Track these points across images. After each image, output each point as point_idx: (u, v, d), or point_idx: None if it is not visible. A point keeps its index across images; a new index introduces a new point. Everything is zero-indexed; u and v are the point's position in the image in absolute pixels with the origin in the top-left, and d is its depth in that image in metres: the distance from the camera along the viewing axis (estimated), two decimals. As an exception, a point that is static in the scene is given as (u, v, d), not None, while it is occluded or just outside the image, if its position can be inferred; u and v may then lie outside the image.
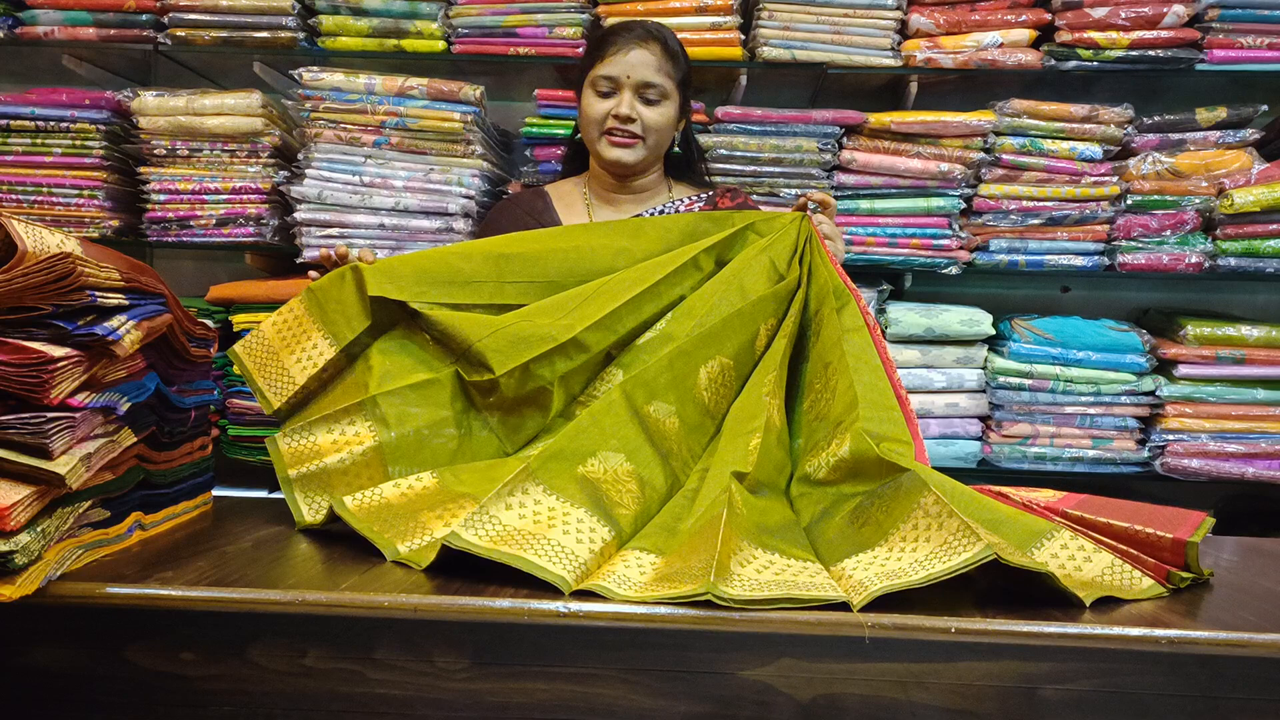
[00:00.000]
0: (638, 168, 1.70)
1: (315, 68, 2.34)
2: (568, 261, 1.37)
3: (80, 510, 0.96)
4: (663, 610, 0.90)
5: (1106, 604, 0.95)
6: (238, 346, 1.32)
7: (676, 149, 1.76)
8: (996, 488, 1.16)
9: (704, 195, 1.75)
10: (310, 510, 1.19)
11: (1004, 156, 2.38)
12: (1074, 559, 0.99)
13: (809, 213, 1.48)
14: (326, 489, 1.20)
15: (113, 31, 2.44)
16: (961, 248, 2.41)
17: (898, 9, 2.37)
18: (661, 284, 1.35)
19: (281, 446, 1.24)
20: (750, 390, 1.29)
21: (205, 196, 2.39)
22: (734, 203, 1.71)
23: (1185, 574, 1.01)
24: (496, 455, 1.29)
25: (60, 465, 0.89)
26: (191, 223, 2.40)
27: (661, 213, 1.70)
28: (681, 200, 1.73)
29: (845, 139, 2.41)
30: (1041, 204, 2.38)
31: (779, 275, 1.41)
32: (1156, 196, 2.37)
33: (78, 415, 0.91)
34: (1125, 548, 1.03)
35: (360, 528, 1.08)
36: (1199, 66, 2.34)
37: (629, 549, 1.04)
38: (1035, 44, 2.40)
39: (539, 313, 1.30)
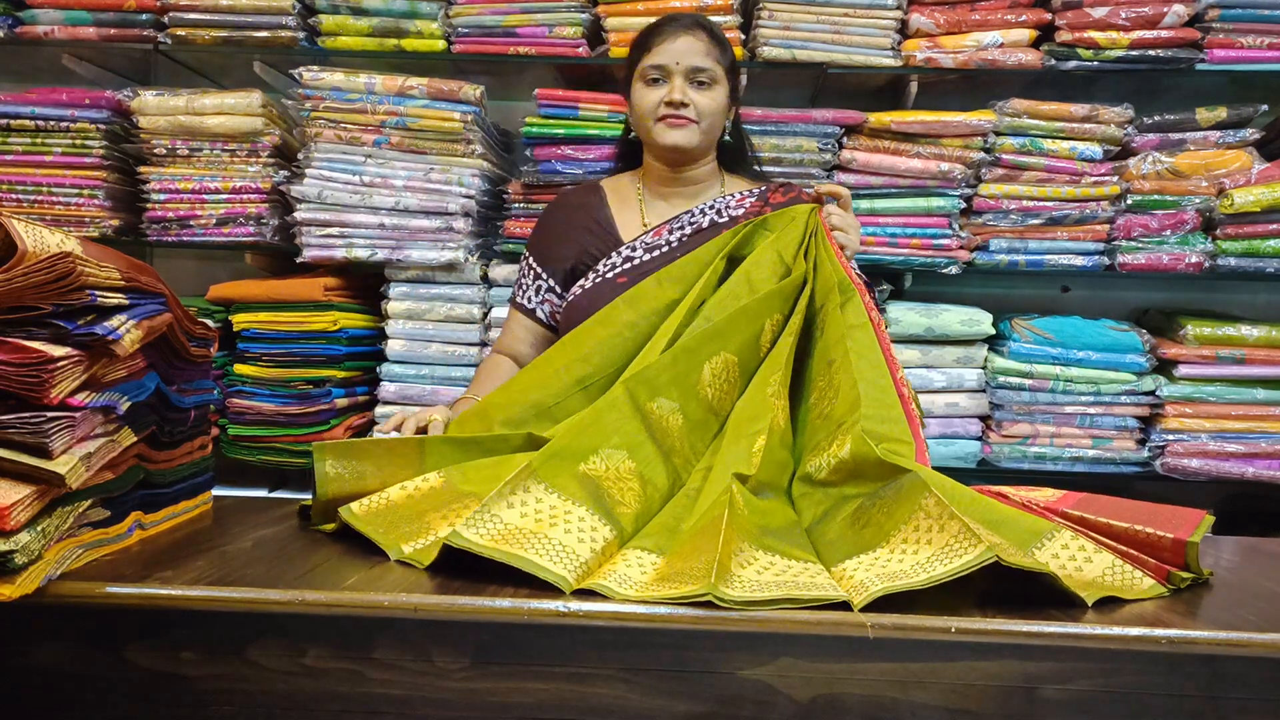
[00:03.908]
0: (694, 153, 1.70)
1: (315, 67, 2.34)
2: (630, 342, 1.39)
3: (80, 510, 0.96)
4: (663, 610, 0.90)
5: (1107, 604, 0.95)
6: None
7: (728, 138, 1.77)
8: (996, 488, 1.16)
9: (757, 190, 1.74)
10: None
11: (1004, 156, 2.38)
12: (1074, 559, 0.99)
13: (820, 205, 1.48)
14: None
15: (113, 31, 2.44)
16: (961, 247, 2.41)
17: (898, 9, 2.37)
18: (690, 311, 1.38)
19: (357, 511, 1.15)
20: (755, 388, 1.29)
21: (205, 196, 2.39)
22: (786, 197, 1.70)
23: (1185, 574, 1.01)
24: None
25: (60, 465, 0.89)
26: (191, 222, 2.40)
27: (713, 207, 1.70)
28: (734, 195, 1.72)
29: (845, 139, 2.41)
30: (1041, 204, 2.38)
31: (785, 267, 1.41)
32: (1156, 196, 2.37)
33: (78, 415, 0.91)
34: (1125, 548, 1.03)
35: (365, 530, 1.08)
36: (1199, 66, 2.34)
37: (630, 548, 1.04)
38: (1035, 44, 2.40)
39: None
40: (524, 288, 1.80)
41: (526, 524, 1.01)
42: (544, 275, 1.77)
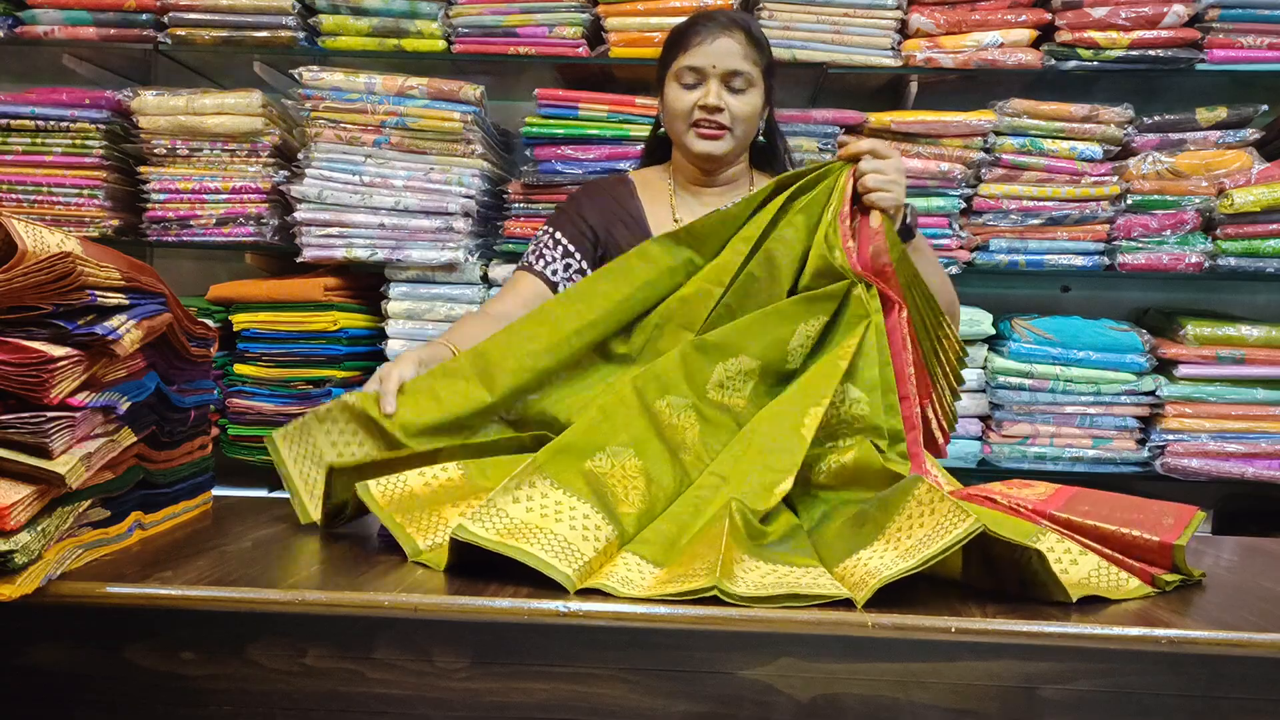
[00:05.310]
0: (726, 159, 1.67)
1: (315, 67, 2.34)
2: (642, 304, 1.34)
3: (80, 510, 0.96)
4: (663, 610, 0.90)
5: (1106, 604, 0.95)
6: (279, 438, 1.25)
7: (761, 138, 1.74)
8: (985, 488, 1.16)
9: None
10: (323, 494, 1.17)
11: (1004, 156, 2.38)
12: (1060, 562, 0.99)
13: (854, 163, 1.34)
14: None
15: (113, 31, 2.44)
16: (961, 247, 2.41)
17: (898, 9, 2.37)
18: (705, 281, 1.32)
19: (374, 492, 1.13)
20: (786, 414, 1.22)
21: (205, 196, 2.39)
22: None
23: (1172, 576, 1.01)
24: None
25: (60, 465, 0.89)
26: (191, 222, 2.40)
27: None
28: None
29: (845, 139, 2.41)
30: (1041, 204, 2.38)
31: (806, 246, 1.32)
32: (1156, 196, 2.37)
33: (78, 415, 0.91)
34: (1111, 551, 1.03)
35: (383, 517, 1.07)
36: (1199, 66, 2.34)
37: (630, 552, 1.04)
38: (1035, 44, 2.40)
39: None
40: (546, 259, 1.70)
41: (532, 519, 1.01)
42: (574, 255, 1.70)
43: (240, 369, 2.36)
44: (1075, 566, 0.99)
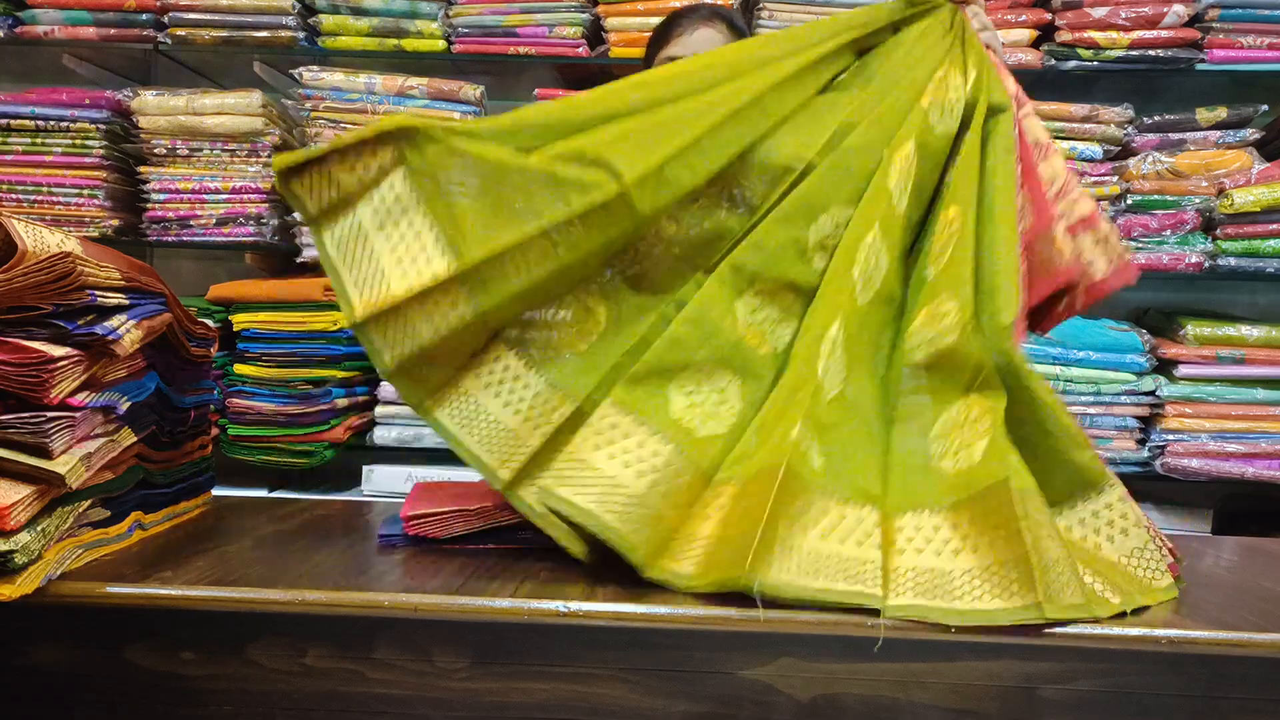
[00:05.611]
0: None
1: (315, 67, 2.34)
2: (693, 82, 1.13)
3: (80, 510, 0.96)
4: (663, 610, 0.90)
5: (1106, 604, 0.95)
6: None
7: None
8: None
9: None
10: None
11: (1004, 156, 2.38)
12: (1111, 525, 0.97)
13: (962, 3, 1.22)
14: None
15: (113, 31, 2.44)
16: (961, 247, 2.40)
17: (898, 9, 2.37)
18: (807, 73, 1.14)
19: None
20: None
21: (205, 196, 2.39)
22: None
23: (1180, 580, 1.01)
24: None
25: (60, 465, 0.89)
26: (191, 222, 2.40)
27: None
28: None
29: (845, 139, 2.41)
30: (1041, 204, 2.38)
31: (923, 85, 1.17)
32: (1156, 196, 2.37)
33: (78, 415, 0.91)
34: (1159, 530, 1.02)
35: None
36: (1199, 66, 2.34)
37: (713, 484, 1.01)
38: (1035, 44, 2.40)
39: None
40: None
41: (628, 475, 0.98)
42: None
43: (240, 369, 2.36)
44: (1124, 537, 0.97)
